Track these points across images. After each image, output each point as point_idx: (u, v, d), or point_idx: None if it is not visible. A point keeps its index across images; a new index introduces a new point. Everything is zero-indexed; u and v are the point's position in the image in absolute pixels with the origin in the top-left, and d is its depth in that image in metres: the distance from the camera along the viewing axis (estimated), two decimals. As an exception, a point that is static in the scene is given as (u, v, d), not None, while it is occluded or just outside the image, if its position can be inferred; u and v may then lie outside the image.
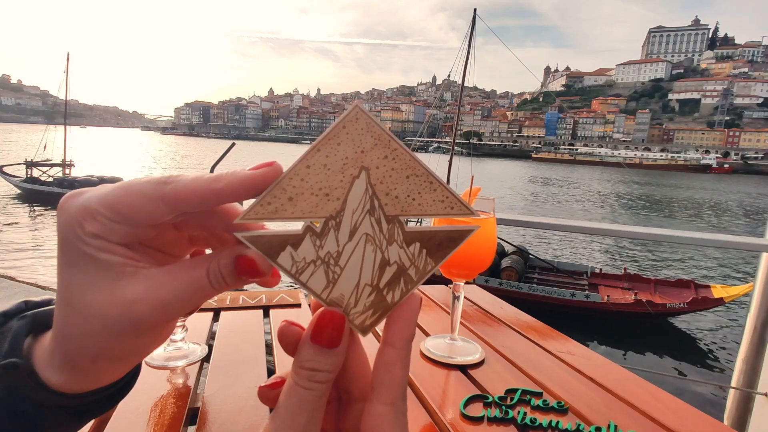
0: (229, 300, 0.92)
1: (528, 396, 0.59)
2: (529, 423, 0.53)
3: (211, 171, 0.65)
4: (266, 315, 0.90)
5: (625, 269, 9.36)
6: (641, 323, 7.82)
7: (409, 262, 0.24)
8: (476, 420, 0.53)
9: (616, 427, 0.53)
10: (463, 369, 0.67)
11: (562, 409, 0.56)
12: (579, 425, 0.52)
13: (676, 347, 7.26)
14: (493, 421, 0.53)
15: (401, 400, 0.23)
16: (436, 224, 0.68)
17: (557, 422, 0.53)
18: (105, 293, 0.24)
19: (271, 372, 0.70)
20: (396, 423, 0.22)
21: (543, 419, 0.53)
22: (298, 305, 0.92)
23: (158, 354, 0.67)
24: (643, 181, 48.51)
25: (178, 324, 0.67)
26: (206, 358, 0.76)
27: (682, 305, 7.71)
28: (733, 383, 1.29)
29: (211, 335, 0.81)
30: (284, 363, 0.69)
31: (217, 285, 0.24)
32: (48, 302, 0.30)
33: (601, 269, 9.46)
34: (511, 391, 0.60)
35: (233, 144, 0.87)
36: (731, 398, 1.30)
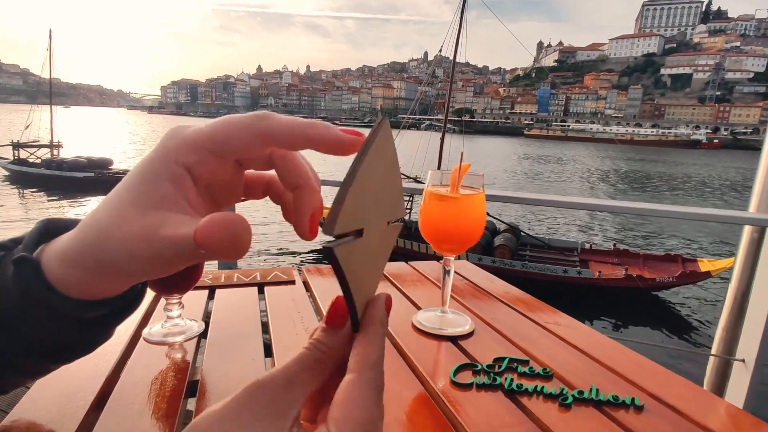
0: (223, 278, 0.93)
1: (515, 364, 0.61)
2: (515, 388, 0.55)
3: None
4: (261, 291, 0.92)
5: (614, 245, 9.52)
6: (632, 297, 8.00)
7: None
8: (465, 387, 0.56)
9: (597, 390, 0.55)
10: (454, 340, 0.69)
11: (547, 375, 0.59)
12: (563, 389, 0.55)
13: (665, 320, 7.46)
14: (481, 387, 0.56)
15: (371, 371, 0.24)
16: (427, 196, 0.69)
17: (542, 387, 0.55)
18: (142, 214, 0.26)
19: (267, 347, 0.72)
20: (363, 392, 0.23)
21: (529, 385, 0.56)
22: (292, 282, 0.94)
23: (156, 330, 0.68)
24: (637, 158, 48.81)
25: (174, 301, 0.68)
26: (203, 335, 0.78)
27: (671, 279, 7.90)
28: (714, 351, 1.34)
29: (207, 313, 0.83)
30: (280, 337, 0.71)
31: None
32: (70, 222, 0.32)
33: (591, 245, 9.60)
34: (498, 360, 0.62)
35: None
36: (711, 365, 1.36)
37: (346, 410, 0.23)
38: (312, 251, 9.77)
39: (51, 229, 0.31)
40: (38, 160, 17.11)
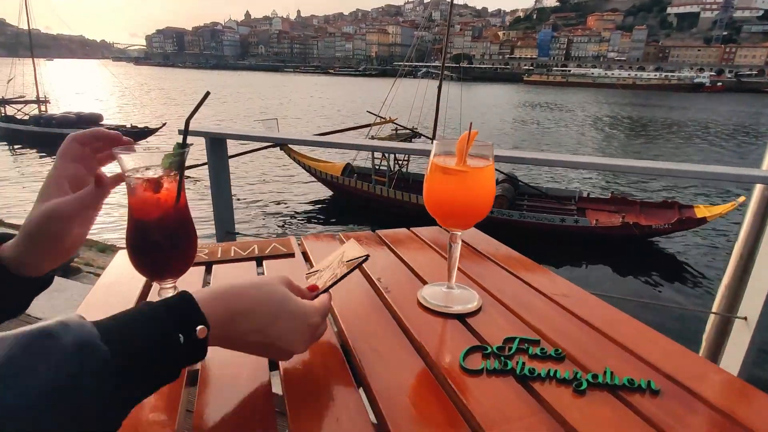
0: (220, 252, 0.90)
1: (526, 344, 0.59)
2: (527, 374, 0.53)
3: (186, 124, 0.59)
4: (259, 265, 0.89)
5: (612, 193, 9.51)
6: (629, 245, 8.10)
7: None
8: (475, 372, 0.54)
9: (612, 374, 0.54)
10: (461, 318, 0.67)
11: (559, 357, 0.57)
12: (576, 373, 0.53)
13: (662, 268, 7.59)
14: (492, 372, 0.54)
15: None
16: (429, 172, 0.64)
17: (555, 371, 0.54)
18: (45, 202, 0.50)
19: None
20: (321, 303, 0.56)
21: (541, 369, 0.54)
22: (292, 255, 0.91)
23: None
24: (637, 102, 47.79)
25: (168, 286, 0.65)
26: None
27: (667, 226, 7.97)
28: (714, 308, 1.34)
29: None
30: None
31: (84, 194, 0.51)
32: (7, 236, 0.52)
33: (588, 193, 9.60)
34: (509, 340, 0.60)
35: (207, 93, 0.81)
36: (711, 322, 1.36)
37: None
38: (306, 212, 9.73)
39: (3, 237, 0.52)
40: (26, 117, 16.63)
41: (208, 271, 0.85)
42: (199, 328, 0.41)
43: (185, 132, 0.60)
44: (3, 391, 0.29)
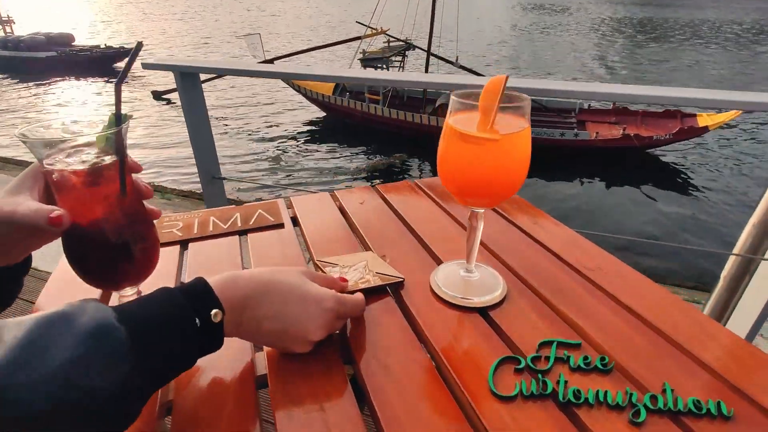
0: (197, 226, 0.77)
1: (565, 353, 0.49)
2: (572, 399, 0.44)
3: (117, 91, 0.43)
4: (243, 234, 0.77)
5: (614, 103, 9.18)
6: (630, 157, 7.98)
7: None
8: (508, 399, 0.44)
9: (673, 392, 0.44)
10: (483, 311, 0.57)
11: (606, 369, 0.47)
12: (631, 396, 0.44)
13: (664, 181, 7.51)
14: (528, 398, 0.44)
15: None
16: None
17: (605, 393, 0.44)
18: (12, 197, 0.44)
19: None
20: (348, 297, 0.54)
21: (588, 389, 0.44)
22: (281, 225, 0.78)
23: None
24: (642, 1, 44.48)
25: (129, 294, 0.53)
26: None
27: (668, 136, 7.83)
28: (737, 250, 1.25)
29: (180, 275, 0.69)
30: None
31: (35, 214, 0.42)
32: None
33: (590, 104, 9.27)
34: (544, 345, 0.50)
35: (140, 44, 0.64)
36: (731, 263, 1.28)
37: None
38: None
39: None
40: (-10, 41, 15.40)
41: (185, 247, 0.74)
42: (213, 311, 0.41)
43: (118, 100, 0.44)
44: (20, 373, 0.31)
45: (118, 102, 0.44)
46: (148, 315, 0.38)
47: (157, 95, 10.77)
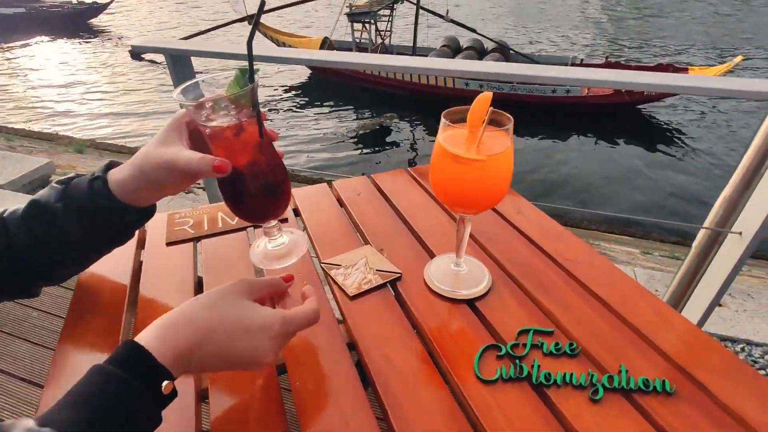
0: (206, 223, 0.83)
1: (540, 339, 0.58)
2: (543, 381, 0.52)
3: (249, 47, 0.51)
4: (249, 228, 0.83)
5: (606, 58, 9.08)
6: (621, 114, 7.99)
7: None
8: (491, 382, 0.53)
9: (627, 373, 0.53)
10: (471, 303, 0.65)
11: (574, 353, 0.56)
12: (592, 376, 0.53)
13: (654, 137, 7.56)
14: (507, 380, 0.53)
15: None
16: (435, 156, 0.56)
17: (571, 375, 0.53)
18: (166, 147, 0.51)
19: None
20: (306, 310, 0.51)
21: (557, 372, 0.53)
22: (285, 219, 0.84)
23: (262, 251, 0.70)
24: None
25: (271, 225, 0.66)
26: (199, 290, 0.73)
27: (659, 91, 7.81)
28: (707, 223, 1.35)
29: (197, 267, 0.76)
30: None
31: (198, 163, 0.50)
32: (122, 163, 0.55)
33: (582, 59, 9.15)
34: (522, 334, 0.59)
35: (263, 3, 0.64)
36: (701, 236, 1.38)
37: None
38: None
39: (112, 164, 0.55)
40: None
41: (197, 241, 0.80)
42: (165, 384, 0.39)
43: (250, 58, 0.51)
44: None
45: (250, 59, 0.50)
46: (88, 404, 0.36)
47: (136, 54, 10.37)
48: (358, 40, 8.81)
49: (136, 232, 0.62)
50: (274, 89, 9.19)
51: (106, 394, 0.37)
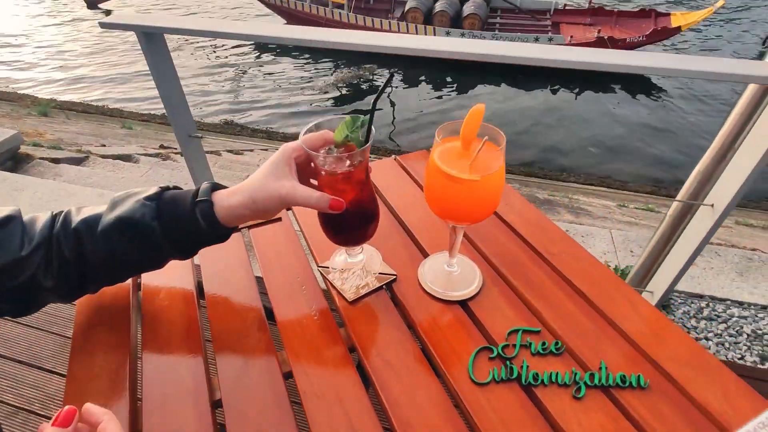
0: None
1: (528, 339, 0.62)
2: (532, 381, 0.57)
3: (373, 106, 0.58)
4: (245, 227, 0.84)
5: (590, 2, 8.86)
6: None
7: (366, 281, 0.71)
8: (484, 384, 0.58)
9: (606, 370, 0.58)
10: (463, 303, 0.69)
11: (558, 353, 0.61)
12: (575, 375, 0.58)
13: (635, 86, 7.54)
14: (499, 382, 0.58)
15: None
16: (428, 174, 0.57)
17: (556, 374, 0.58)
18: (280, 181, 0.56)
19: (268, 312, 0.70)
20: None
21: (543, 372, 0.58)
22: (279, 219, 0.85)
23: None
24: None
25: (356, 252, 0.74)
26: (200, 295, 0.75)
27: (641, 38, 7.80)
28: (679, 196, 1.40)
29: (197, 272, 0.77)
30: (279, 296, 0.68)
31: (317, 202, 0.57)
32: (225, 186, 0.60)
33: (565, 5, 8.92)
34: (512, 334, 0.63)
35: (392, 75, 0.68)
36: (673, 209, 1.44)
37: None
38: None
39: (216, 186, 0.58)
40: None
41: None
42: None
43: (371, 119, 0.58)
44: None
45: (371, 120, 0.57)
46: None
47: (92, 4, 9.64)
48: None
49: None
50: (246, 46, 8.75)
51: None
